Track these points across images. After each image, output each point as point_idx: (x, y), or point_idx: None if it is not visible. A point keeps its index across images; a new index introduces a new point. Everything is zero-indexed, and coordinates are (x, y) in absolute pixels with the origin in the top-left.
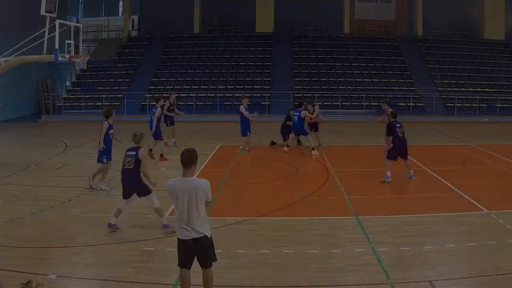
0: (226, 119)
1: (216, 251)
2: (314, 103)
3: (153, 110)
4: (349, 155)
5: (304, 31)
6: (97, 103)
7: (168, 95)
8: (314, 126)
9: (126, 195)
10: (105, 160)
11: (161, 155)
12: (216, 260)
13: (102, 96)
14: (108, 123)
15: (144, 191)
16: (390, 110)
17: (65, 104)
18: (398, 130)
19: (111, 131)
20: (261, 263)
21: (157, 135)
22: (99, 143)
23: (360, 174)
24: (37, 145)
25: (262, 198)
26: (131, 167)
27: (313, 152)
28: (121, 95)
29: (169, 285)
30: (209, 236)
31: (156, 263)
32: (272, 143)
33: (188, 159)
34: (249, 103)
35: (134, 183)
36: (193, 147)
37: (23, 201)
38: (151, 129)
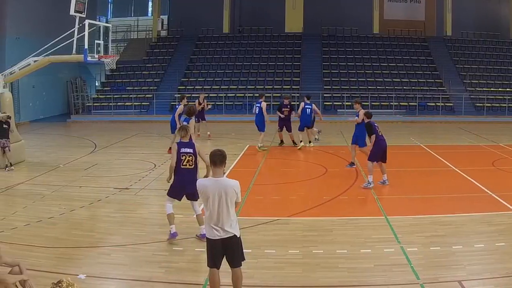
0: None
1: (245, 251)
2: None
3: (176, 107)
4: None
5: (333, 31)
6: (126, 103)
7: (198, 95)
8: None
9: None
10: None
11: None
12: (245, 259)
13: (131, 96)
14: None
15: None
16: (362, 110)
17: (94, 104)
18: (378, 129)
19: None
20: (290, 263)
21: (173, 130)
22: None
23: (389, 173)
24: (66, 145)
25: (291, 198)
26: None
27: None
28: (150, 95)
29: (198, 285)
30: (238, 236)
31: (185, 263)
32: (281, 142)
33: (219, 159)
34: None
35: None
36: (222, 148)
37: (52, 201)
38: (174, 126)
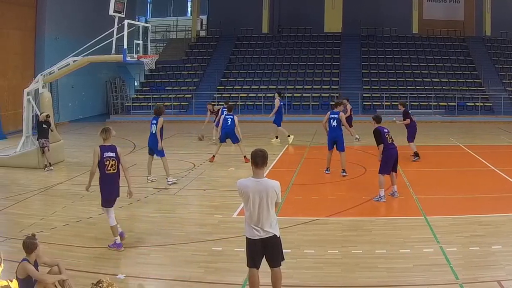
0: (294, 119)
1: (284, 251)
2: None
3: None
4: (419, 155)
5: (372, 31)
6: (166, 103)
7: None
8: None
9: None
10: None
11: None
12: (284, 259)
13: (170, 96)
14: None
15: None
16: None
17: (133, 104)
18: (387, 136)
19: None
20: (329, 263)
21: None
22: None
23: (428, 174)
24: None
25: (331, 198)
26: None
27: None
28: (189, 95)
29: (237, 285)
30: (278, 236)
31: (224, 263)
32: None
33: (261, 160)
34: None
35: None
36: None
37: (91, 201)
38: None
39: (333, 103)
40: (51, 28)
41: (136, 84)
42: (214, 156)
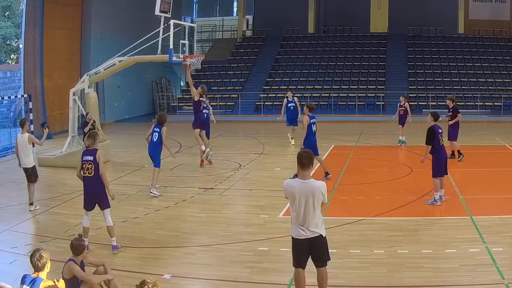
0: (340, 119)
1: (330, 251)
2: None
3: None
4: (465, 155)
5: (418, 31)
6: (212, 103)
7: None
8: None
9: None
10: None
11: None
12: (330, 259)
13: (216, 96)
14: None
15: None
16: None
17: (179, 104)
18: (440, 138)
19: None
20: (375, 263)
21: None
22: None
23: (474, 174)
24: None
25: (376, 198)
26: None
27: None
28: (235, 95)
29: (283, 285)
30: (324, 236)
31: (270, 263)
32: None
33: (307, 160)
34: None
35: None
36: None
37: (137, 201)
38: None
39: (310, 105)
40: (97, 28)
41: (182, 84)
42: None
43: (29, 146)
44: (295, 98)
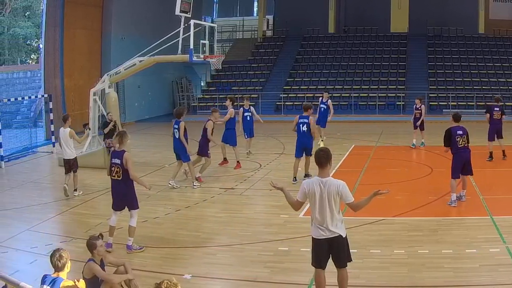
0: (361, 119)
1: (351, 251)
2: None
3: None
4: (485, 154)
5: (438, 31)
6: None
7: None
8: None
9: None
10: None
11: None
12: (351, 260)
13: (236, 96)
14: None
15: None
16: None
17: (200, 104)
18: (458, 139)
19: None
20: (395, 263)
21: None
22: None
23: (494, 173)
24: (171, 145)
25: (397, 198)
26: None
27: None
28: (255, 95)
29: (304, 285)
30: (344, 236)
31: (290, 263)
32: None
33: (324, 159)
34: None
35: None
36: (327, 147)
37: (157, 201)
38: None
39: (304, 105)
40: (117, 28)
41: (202, 84)
42: None
43: (70, 140)
44: (329, 100)
